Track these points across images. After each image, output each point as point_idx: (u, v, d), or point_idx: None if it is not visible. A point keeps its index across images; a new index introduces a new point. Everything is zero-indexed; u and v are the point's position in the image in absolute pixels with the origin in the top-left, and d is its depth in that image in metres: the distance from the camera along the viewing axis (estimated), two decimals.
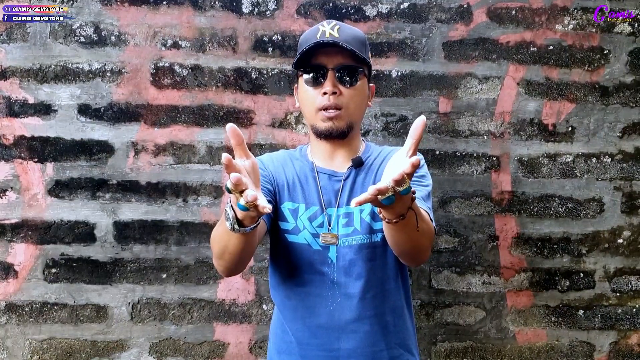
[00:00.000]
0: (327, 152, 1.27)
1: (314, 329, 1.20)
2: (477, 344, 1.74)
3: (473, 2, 1.72)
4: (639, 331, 1.76)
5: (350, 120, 1.21)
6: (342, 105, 1.18)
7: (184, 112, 1.69)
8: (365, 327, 1.19)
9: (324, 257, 1.20)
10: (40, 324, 1.66)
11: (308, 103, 1.22)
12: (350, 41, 1.17)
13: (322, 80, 1.18)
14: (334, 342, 1.18)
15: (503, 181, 1.73)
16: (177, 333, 1.69)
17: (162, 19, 1.68)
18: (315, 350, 1.20)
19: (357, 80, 1.20)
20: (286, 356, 1.24)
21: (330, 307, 1.19)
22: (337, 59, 1.18)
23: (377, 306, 1.21)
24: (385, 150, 1.32)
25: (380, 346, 1.20)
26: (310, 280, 1.21)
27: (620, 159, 1.75)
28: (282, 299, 1.26)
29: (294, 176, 1.26)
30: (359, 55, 1.17)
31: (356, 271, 1.19)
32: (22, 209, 1.66)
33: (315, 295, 1.20)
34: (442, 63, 1.72)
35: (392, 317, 1.23)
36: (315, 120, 1.21)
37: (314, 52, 1.18)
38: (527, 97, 1.73)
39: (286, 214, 1.23)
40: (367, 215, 1.22)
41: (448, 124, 1.72)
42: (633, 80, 1.74)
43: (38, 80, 1.66)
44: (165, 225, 1.68)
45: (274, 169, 1.27)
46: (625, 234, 1.75)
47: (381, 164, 1.26)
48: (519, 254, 1.74)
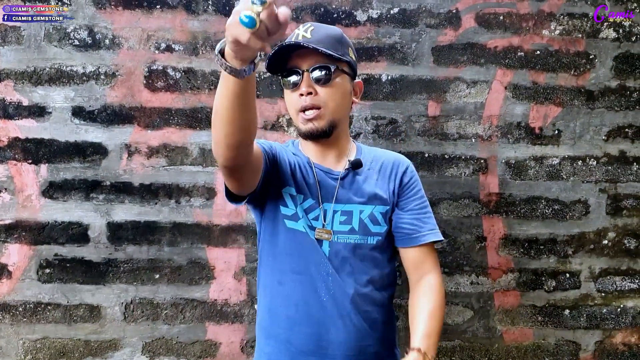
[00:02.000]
0: (318, 152, 1.30)
1: (306, 317, 1.21)
2: (465, 343, 1.77)
3: (462, 7, 1.75)
4: (623, 330, 1.80)
5: (332, 118, 1.22)
6: (320, 104, 1.19)
7: (177, 115, 1.71)
8: (355, 322, 1.21)
9: (317, 249, 1.23)
10: (34, 323, 1.68)
11: (290, 106, 1.25)
12: (323, 40, 1.17)
13: (298, 82, 1.20)
14: (323, 333, 1.21)
15: (491, 183, 1.76)
16: (170, 333, 1.71)
17: (155, 23, 1.70)
18: (304, 339, 1.21)
19: (332, 79, 1.20)
20: (273, 341, 1.25)
21: (323, 298, 1.21)
22: (310, 60, 1.19)
23: (367, 302, 1.24)
24: (378, 154, 1.35)
25: (368, 341, 1.23)
26: (306, 270, 1.22)
27: (605, 162, 1.78)
28: (275, 285, 1.26)
29: (294, 165, 1.28)
30: (331, 53, 1.16)
31: (348, 269, 1.22)
32: (16, 210, 1.67)
33: (309, 284, 1.22)
34: (431, 67, 1.75)
35: (380, 314, 1.27)
36: (297, 122, 1.24)
37: (290, 55, 1.20)
38: (514, 101, 1.77)
39: (287, 200, 1.24)
40: (366, 217, 1.25)
41: (437, 127, 1.75)
42: (618, 84, 1.78)
43: (32, 83, 1.68)
44: (158, 226, 1.70)
45: (278, 151, 1.27)
46: (610, 235, 1.79)
47: (380, 169, 1.30)
48: (506, 254, 1.77)
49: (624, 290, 1.80)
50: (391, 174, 1.30)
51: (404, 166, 1.32)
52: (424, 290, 1.27)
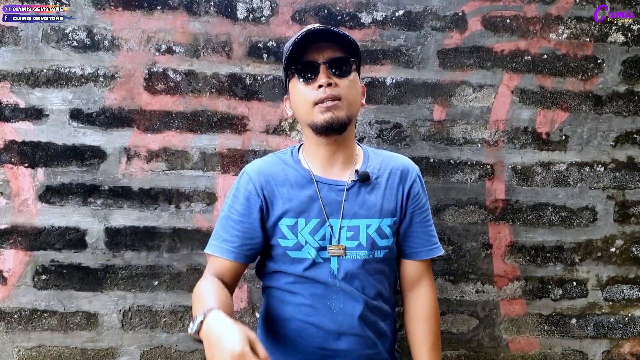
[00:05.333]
0: (326, 157, 1.24)
1: (316, 328, 1.21)
2: (471, 352, 1.73)
3: (468, 10, 1.72)
4: (631, 340, 1.77)
5: (350, 111, 1.18)
6: (340, 95, 1.16)
7: (177, 118, 1.67)
8: (364, 332, 1.22)
9: (326, 268, 1.21)
10: (30, 331, 1.64)
11: (302, 100, 1.18)
12: (336, 33, 1.18)
13: (314, 76, 1.16)
14: (332, 342, 1.21)
15: (497, 189, 1.73)
16: (169, 341, 1.67)
17: (156, 24, 1.67)
18: (312, 347, 1.21)
19: (350, 71, 1.19)
20: (280, 350, 1.24)
21: (334, 310, 1.21)
22: (327, 53, 1.17)
23: (375, 314, 1.25)
24: (385, 160, 1.30)
25: (375, 349, 1.24)
26: (316, 286, 1.22)
27: (613, 168, 1.75)
28: (285, 294, 1.25)
29: (289, 189, 1.23)
30: (350, 39, 1.17)
31: (357, 283, 1.21)
32: (12, 214, 1.64)
33: (321, 297, 1.21)
34: (436, 71, 1.72)
35: (385, 324, 1.28)
36: (312, 115, 1.17)
37: (304, 50, 1.17)
38: (521, 106, 1.74)
39: (284, 232, 1.22)
40: (374, 232, 1.22)
41: (442, 132, 1.72)
42: (626, 89, 1.75)
43: (30, 85, 1.64)
44: (157, 232, 1.67)
45: (264, 184, 1.24)
46: (617, 243, 1.76)
47: (388, 179, 1.26)
48: (513, 262, 1.74)
49: (632, 299, 1.76)
50: (400, 183, 1.27)
51: (413, 176, 1.29)
52: (422, 303, 1.29)
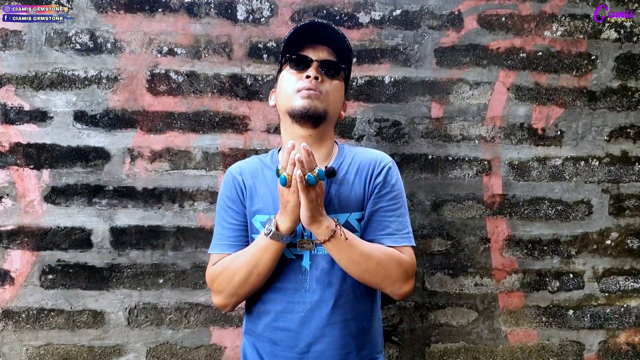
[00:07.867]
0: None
1: (286, 332, 1.22)
2: (470, 344, 1.77)
3: (464, 9, 1.75)
4: (627, 330, 1.80)
5: (327, 108, 1.24)
6: (322, 91, 1.23)
7: (179, 119, 1.70)
8: (335, 332, 1.21)
9: (297, 265, 1.23)
10: (37, 330, 1.67)
11: (287, 86, 1.25)
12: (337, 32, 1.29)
13: (305, 68, 1.25)
14: (303, 345, 1.21)
15: (494, 184, 1.76)
16: (174, 338, 1.70)
17: (157, 26, 1.69)
18: (286, 352, 1.22)
19: (338, 76, 1.28)
20: (258, 354, 1.28)
21: (301, 313, 1.21)
22: (322, 53, 1.27)
23: (347, 312, 1.23)
24: (358, 155, 1.32)
25: (349, 349, 1.23)
26: (284, 288, 1.23)
27: (607, 162, 1.79)
28: (257, 304, 1.28)
29: (265, 187, 1.28)
30: (346, 44, 1.29)
31: (328, 279, 1.22)
32: (18, 215, 1.66)
33: (287, 302, 1.22)
34: (434, 69, 1.75)
35: (361, 321, 1.26)
36: (292, 99, 1.23)
37: (303, 45, 1.27)
38: (517, 102, 1.77)
39: (257, 227, 1.25)
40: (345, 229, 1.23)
41: (440, 129, 1.76)
42: (619, 85, 1.79)
43: (34, 87, 1.66)
44: (161, 231, 1.70)
45: (246, 177, 1.30)
46: (613, 235, 1.79)
47: (356, 174, 1.27)
48: (510, 255, 1.77)
49: (627, 290, 1.80)
50: (367, 175, 1.27)
51: (380, 166, 1.28)
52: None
